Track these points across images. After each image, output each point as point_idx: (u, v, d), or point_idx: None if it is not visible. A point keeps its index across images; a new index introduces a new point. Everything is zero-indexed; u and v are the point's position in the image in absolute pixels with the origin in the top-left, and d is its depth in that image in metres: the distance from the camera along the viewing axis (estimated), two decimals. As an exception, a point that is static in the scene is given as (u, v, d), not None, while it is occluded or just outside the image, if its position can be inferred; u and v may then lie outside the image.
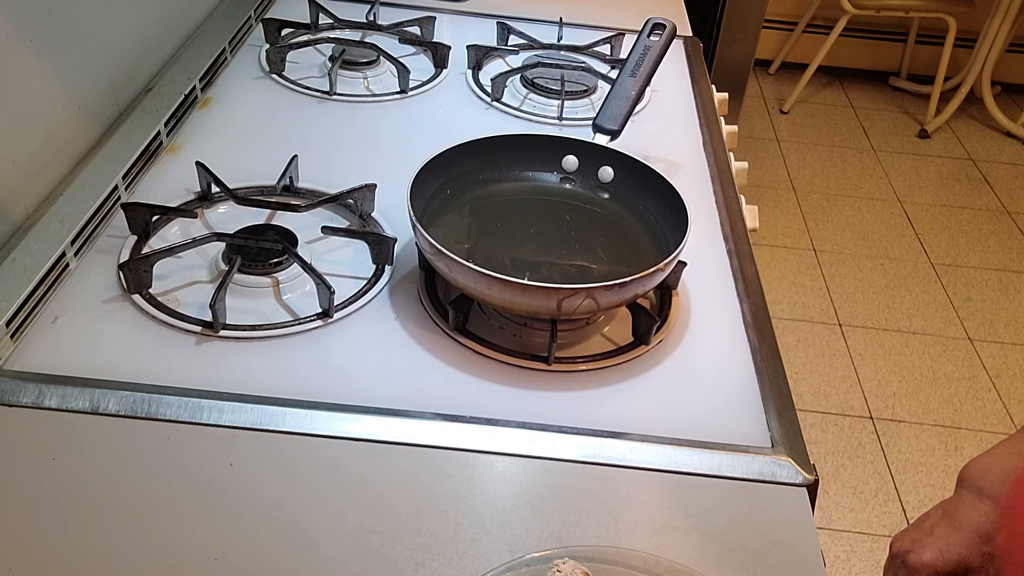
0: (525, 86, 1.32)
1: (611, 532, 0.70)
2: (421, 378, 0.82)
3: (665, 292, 0.94)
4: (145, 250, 0.92)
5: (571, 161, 1.02)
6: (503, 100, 1.28)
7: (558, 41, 1.43)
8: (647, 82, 1.09)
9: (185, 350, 0.82)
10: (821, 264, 2.74)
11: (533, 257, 0.94)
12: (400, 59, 1.29)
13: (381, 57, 1.31)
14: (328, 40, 1.35)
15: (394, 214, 1.00)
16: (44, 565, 0.63)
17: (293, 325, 0.85)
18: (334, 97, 1.25)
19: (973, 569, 0.64)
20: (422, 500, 0.71)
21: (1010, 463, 0.64)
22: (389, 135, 1.19)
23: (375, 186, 1.00)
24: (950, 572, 0.65)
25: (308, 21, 1.40)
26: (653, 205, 0.97)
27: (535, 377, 0.84)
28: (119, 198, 0.99)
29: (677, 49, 1.49)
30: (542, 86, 1.31)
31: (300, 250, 0.91)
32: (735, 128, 1.33)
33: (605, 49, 1.43)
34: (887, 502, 2.01)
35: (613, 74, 1.33)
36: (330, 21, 1.40)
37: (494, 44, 1.41)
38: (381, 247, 0.93)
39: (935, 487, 2.05)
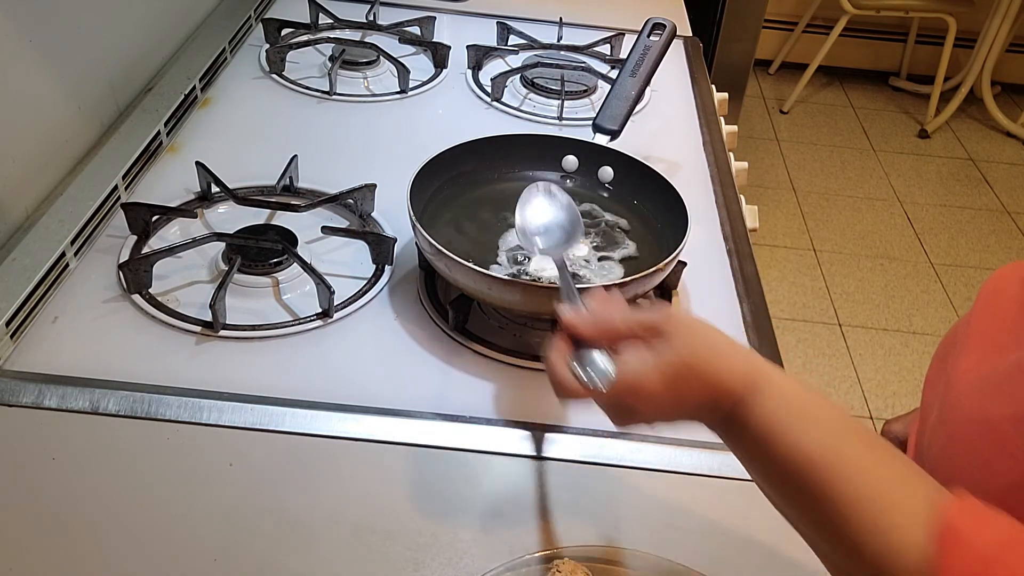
0: (525, 86, 1.32)
1: (611, 532, 0.70)
2: (421, 378, 0.82)
3: (665, 292, 0.94)
4: (145, 250, 0.92)
5: (571, 161, 1.02)
6: (503, 100, 1.28)
7: (558, 41, 1.43)
8: (647, 82, 1.09)
9: (185, 350, 0.82)
10: (821, 264, 2.74)
11: (533, 257, 0.94)
12: (400, 59, 1.29)
13: (381, 57, 1.31)
14: (328, 40, 1.35)
15: (394, 214, 1.00)
16: (44, 565, 0.63)
17: (293, 325, 0.85)
18: (334, 97, 1.25)
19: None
20: (422, 500, 0.71)
21: None
22: (389, 135, 1.19)
23: (375, 186, 1.00)
24: None
25: (308, 21, 1.40)
26: (653, 205, 0.97)
27: (535, 377, 0.83)
28: (119, 198, 0.99)
29: (677, 49, 1.49)
30: (542, 86, 1.31)
31: (300, 250, 0.91)
32: (735, 128, 1.33)
33: (605, 49, 1.43)
34: (887, 502, 2.00)
35: (613, 74, 1.33)
36: (330, 21, 1.40)
37: (494, 44, 1.41)
38: (381, 247, 0.93)
39: (935, 487, 2.05)
